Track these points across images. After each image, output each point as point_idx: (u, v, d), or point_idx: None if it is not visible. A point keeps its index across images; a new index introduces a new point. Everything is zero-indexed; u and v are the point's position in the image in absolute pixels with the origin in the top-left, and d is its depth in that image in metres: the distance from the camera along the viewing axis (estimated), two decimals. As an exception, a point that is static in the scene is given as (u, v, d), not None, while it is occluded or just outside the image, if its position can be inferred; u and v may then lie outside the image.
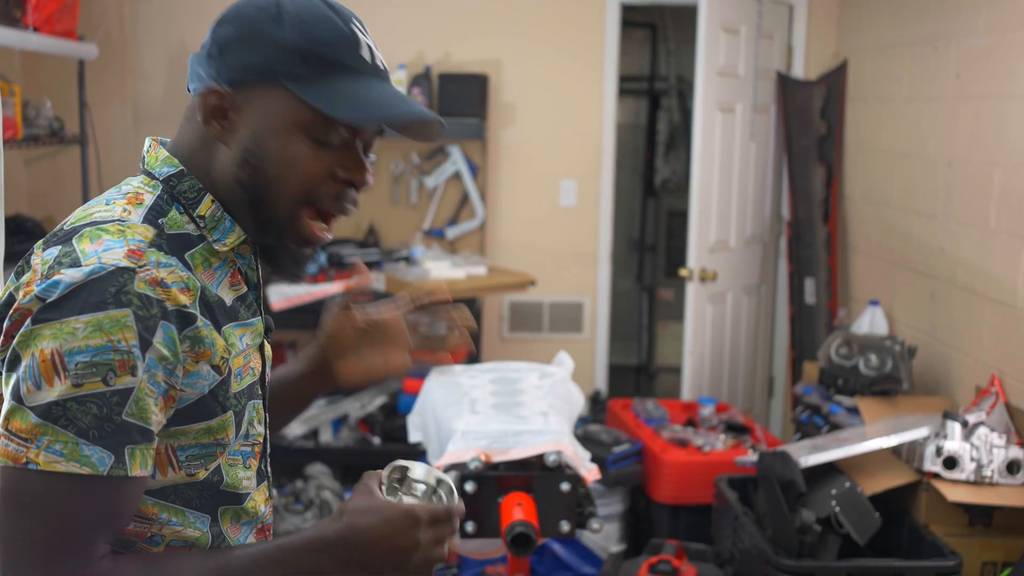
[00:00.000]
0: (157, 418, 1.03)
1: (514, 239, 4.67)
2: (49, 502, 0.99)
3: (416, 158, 4.59)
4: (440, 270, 4.14)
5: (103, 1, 4.39)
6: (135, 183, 1.14)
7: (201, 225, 1.13)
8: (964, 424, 2.80)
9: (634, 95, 6.32)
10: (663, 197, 6.36)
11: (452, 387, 2.82)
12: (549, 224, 4.68)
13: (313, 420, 4.14)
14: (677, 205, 6.07)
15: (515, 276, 4.39)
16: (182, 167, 1.14)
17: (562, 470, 2.45)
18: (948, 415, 2.84)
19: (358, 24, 1.13)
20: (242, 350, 1.14)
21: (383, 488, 1.13)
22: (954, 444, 2.77)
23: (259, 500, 1.21)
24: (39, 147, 3.99)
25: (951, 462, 2.77)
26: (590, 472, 2.51)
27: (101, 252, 1.02)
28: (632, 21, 5.84)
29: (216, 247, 1.13)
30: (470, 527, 2.40)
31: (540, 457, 2.47)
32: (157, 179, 1.14)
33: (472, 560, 3.28)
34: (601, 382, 4.79)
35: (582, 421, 4.04)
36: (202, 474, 1.11)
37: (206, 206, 1.13)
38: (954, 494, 2.72)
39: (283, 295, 3.92)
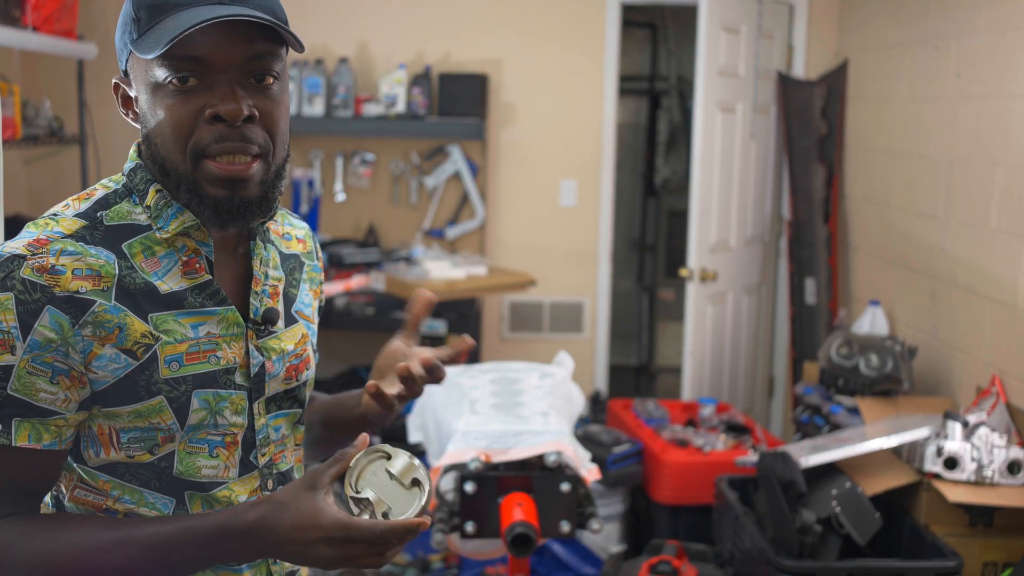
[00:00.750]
0: (54, 396, 1.09)
1: (514, 239, 4.67)
2: None
3: (416, 158, 4.59)
4: (440, 270, 4.13)
5: (103, 1, 4.39)
6: (104, 180, 1.22)
7: (148, 214, 1.17)
8: (965, 424, 2.79)
9: (634, 95, 6.32)
10: (663, 197, 6.36)
11: (452, 387, 2.82)
12: (549, 224, 4.68)
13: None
14: (677, 205, 6.07)
15: (515, 276, 4.38)
16: (139, 161, 1.20)
17: (562, 470, 2.44)
18: (949, 415, 2.83)
19: None
20: (192, 338, 1.16)
21: (352, 466, 1.10)
22: (955, 444, 2.76)
23: (239, 491, 1.21)
24: (38, 147, 3.99)
25: (952, 462, 2.76)
26: (590, 472, 2.51)
27: (9, 243, 1.11)
28: (632, 21, 5.84)
29: (159, 235, 1.16)
30: (470, 527, 2.40)
31: (540, 457, 2.47)
32: (124, 174, 1.21)
33: (472, 560, 3.27)
34: (601, 382, 4.79)
35: (582, 421, 4.03)
36: (145, 457, 1.15)
37: (151, 196, 1.18)
38: (955, 494, 2.72)
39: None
